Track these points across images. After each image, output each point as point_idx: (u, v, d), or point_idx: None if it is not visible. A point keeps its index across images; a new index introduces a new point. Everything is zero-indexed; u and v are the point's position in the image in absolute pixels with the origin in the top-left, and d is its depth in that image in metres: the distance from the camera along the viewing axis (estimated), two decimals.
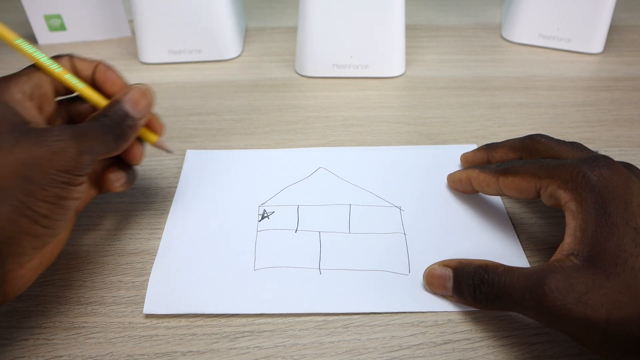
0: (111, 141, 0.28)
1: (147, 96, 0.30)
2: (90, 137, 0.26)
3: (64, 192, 0.25)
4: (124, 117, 0.28)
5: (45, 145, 0.24)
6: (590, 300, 0.23)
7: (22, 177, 0.24)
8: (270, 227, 0.34)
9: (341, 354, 0.27)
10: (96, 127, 0.27)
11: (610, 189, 0.25)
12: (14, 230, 0.24)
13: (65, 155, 0.25)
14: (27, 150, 0.24)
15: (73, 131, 0.26)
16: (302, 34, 0.50)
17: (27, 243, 0.25)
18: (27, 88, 0.28)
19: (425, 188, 0.37)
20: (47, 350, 0.27)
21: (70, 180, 0.25)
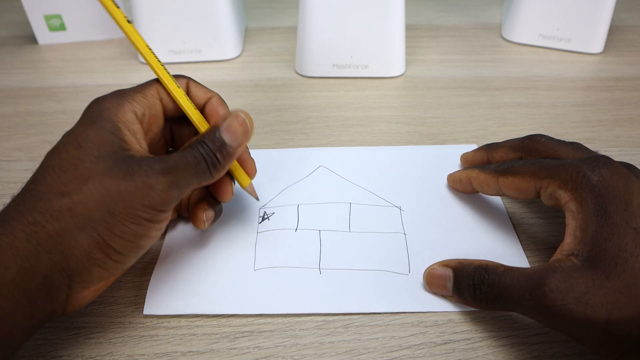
0: (205, 170, 0.27)
1: (245, 125, 0.28)
2: (180, 170, 0.26)
3: (142, 229, 0.25)
4: (221, 146, 0.27)
5: (132, 180, 0.24)
6: (590, 300, 0.23)
7: (106, 210, 0.24)
8: (270, 228, 0.34)
9: (341, 354, 0.27)
10: (188, 158, 0.26)
11: (611, 189, 0.25)
12: (86, 260, 0.24)
13: (151, 191, 0.24)
14: (115, 182, 0.24)
15: (162, 166, 0.25)
16: (302, 34, 0.50)
17: (96, 273, 0.25)
18: (140, 108, 0.28)
19: (425, 188, 0.37)
20: (47, 350, 0.27)
21: (153, 217, 0.25)
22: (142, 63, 0.54)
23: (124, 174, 0.24)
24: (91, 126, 0.26)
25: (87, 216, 0.23)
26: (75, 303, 0.25)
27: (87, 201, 0.24)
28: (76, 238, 0.23)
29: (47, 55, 0.57)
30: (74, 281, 0.24)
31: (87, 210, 0.23)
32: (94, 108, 0.27)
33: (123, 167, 0.24)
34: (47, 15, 0.56)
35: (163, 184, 0.25)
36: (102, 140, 0.25)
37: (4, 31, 0.62)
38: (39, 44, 0.58)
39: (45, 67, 0.55)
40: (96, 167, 0.24)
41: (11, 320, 0.22)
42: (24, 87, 0.51)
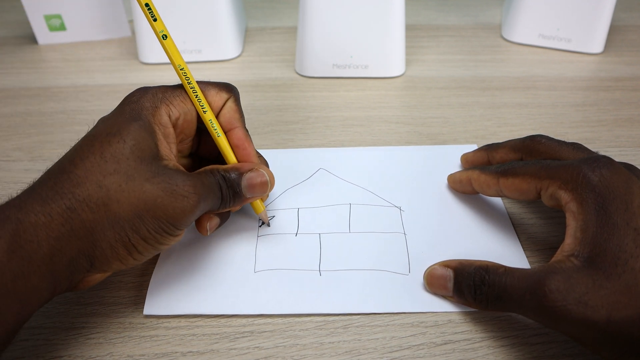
0: (217, 202, 0.28)
1: (264, 186, 0.30)
2: (208, 197, 0.27)
3: (163, 239, 0.26)
4: (236, 190, 0.29)
5: (172, 196, 0.25)
6: (590, 301, 0.23)
7: (137, 214, 0.25)
8: (271, 232, 0.34)
9: (341, 355, 0.27)
10: (214, 185, 0.28)
11: (611, 190, 0.25)
12: (110, 253, 0.25)
13: (181, 212, 0.26)
14: (154, 192, 0.25)
15: (200, 190, 0.26)
16: (302, 34, 0.50)
17: (115, 265, 0.26)
18: (176, 112, 0.29)
19: (425, 188, 0.37)
20: (47, 351, 0.27)
21: (173, 232, 0.26)
22: (142, 63, 0.54)
23: (164, 187, 0.25)
24: (132, 123, 0.26)
25: (119, 215, 0.24)
26: (87, 284, 0.27)
27: (122, 200, 0.24)
28: (106, 232, 0.24)
29: (47, 55, 0.57)
30: (94, 267, 0.25)
31: (121, 209, 0.24)
32: (134, 104, 0.27)
33: (165, 178, 0.25)
34: (47, 15, 0.56)
35: (195, 208, 0.26)
36: (143, 142, 0.26)
37: (4, 31, 0.62)
38: (39, 44, 0.58)
39: (45, 67, 0.55)
40: (138, 169, 0.25)
41: (37, 295, 0.23)
42: (24, 87, 0.51)
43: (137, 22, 0.51)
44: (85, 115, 0.46)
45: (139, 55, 0.54)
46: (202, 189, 0.27)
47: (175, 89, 0.29)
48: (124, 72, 0.53)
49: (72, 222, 0.24)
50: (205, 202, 0.27)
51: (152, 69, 0.53)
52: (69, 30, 0.58)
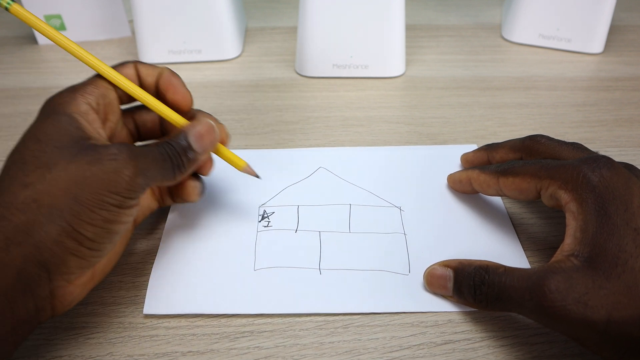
0: (168, 170, 0.27)
1: (212, 133, 0.29)
2: (147, 160, 0.26)
3: (111, 215, 0.25)
4: (186, 149, 0.28)
5: (100, 164, 0.24)
6: (590, 301, 0.23)
7: (72, 197, 0.23)
8: (270, 228, 0.34)
9: (341, 354, 0.27)
10: (155, 152, 0.27)
11: (611, 190, 0.25)
12: (59, 250, 0.23)
13: (118, 176, 0.24)
14: (81, 168, 0.24)
15: (130, 151, 0.25)
16: (302, 34, 0.50)
17: (73, 263, 0.24)
18: (93, 99, 0.28)
19: (425, 188, 0.37)
20: (47, 351, 0.27)
21: (121, 203, 0.25)
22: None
23: (89, 159, 0.24)
24: (46, 120, 0.25)
25: (53, 205, 0.23)
26: (63, 300, 0.25)
27: (51, 190, 0.23)
28: (45, 229, 0.23)
29: (47, 55, 0.57)
30: (53, 273, 0.24)
31: (52, 199, 0.23)
32: (46, 105, 0.27)
33: (89, 152, 0.24)
34: (47, 15, 0.56)
35: (130, 169, 0.25)
36: (61, 132, 0.25)
37: (4, 31, 0.62)
38: (39, 44, 0.58)
39: (45, 67, 0.55)
40: (59, 156, 0.24)
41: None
42: (24, 87, 0.51)
43: (137, 22, 0.51)
44: None
45: (139, 55, 0.54)
46: (134, 151, 0.25)
47: (85, 81, 0.29)
48: None
49: (5, 230, 0.22)
50: (146, 165, 0.26)
51: None
52: (69, 30, 0.58)
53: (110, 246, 0.26)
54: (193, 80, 0.51)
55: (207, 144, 0.29)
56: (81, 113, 0.26)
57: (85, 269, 0.25)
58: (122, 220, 0.25)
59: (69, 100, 0.26)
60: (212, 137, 0.29)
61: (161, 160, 0.27)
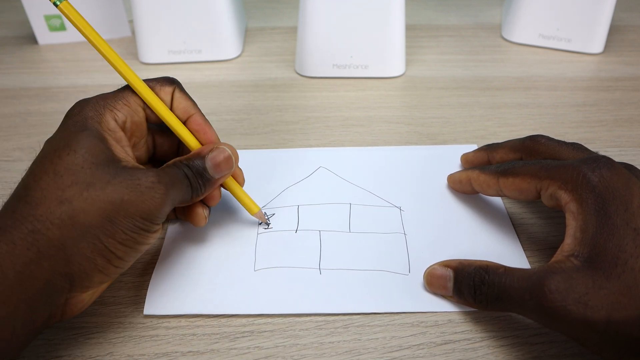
0: (187, 192, 0.28)
1: (229, 162, 0.30)
2: (176, 186, 0.27)
3: (141, 237, 0.25)
4: (203, 173, 0.29)
5: (138, 191, 0.25)
6: (590, 301, 0.23)
7: (107, 218, 0.24)
8: (271, 229, 0.34)
9: (341, 354, 0.27)
10: (180, 176, 0.27)
11: (611, 190, 0.25)
12: (88, 266, 0.24)
13: (151, 204, 0.25)
14: (118, 191, 0.24)
15: (165, 180, 0.26)
16: (302, 34, 0.50)
17: (97, 279, 0.25)
18: (122, 116, 0.28)
19: (425, 188, 0.37)
20: (47, 350, 0.27)
21: (149, 228, 0.26)
22: (142, 63, 0.54)
23: (127, 184, 0.24)
24: (80, 133, 0.25)
25: (89, 224, 0.24)
26: (74, 307, 0.25)
27: (88, 209, 0.24)
28: (78, 245, 0.23)
29: (47, 55, 0.57)
30: (74, 286, 0.24)
31: (89, 218, 0.23)
32: (77, 117, 0.26)
33: (126, 177, 0.25)
34: (47, 15, 0.56)
35: (164, 198, 0.25)
36: (95, 148, 0.25)
37: (4, 31, 0.62)
38: (39, 44, 0.58)
39: (45, 67, 0.55)
40: (96, 174, 0.24)
41: (10, 327, 0.22)
42: (24, 87, 0.51)
43: (137, 22, 0.51)
44: None
45: (139, 55, 0.54)
46: (167, 178, 0.26)
47: (116, 94, 0.29)
48: None
49: (39, 244, 0.23)
50: (174, 192, 0.26)
51: (152, 69, 0.53)
52: (69, 31, 0.58)
53: (132, 262, 0.27)
54: (193, 80, 0.51)
55: (223, 170, 0.29)
56: (109, 131, 0.27)
57: (104, 283, 0.26)
58: (149, 242, 0.27)
59: (98, 117, 0.27)
60: (229, 164, 0.30)
61: (183, 180, 0.27)
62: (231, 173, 0.30)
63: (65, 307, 0.25)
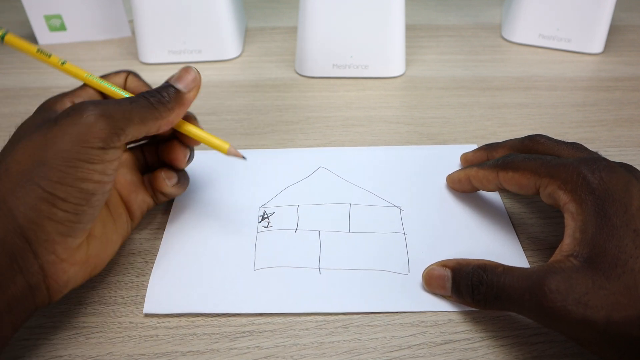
0: (148, 107, 0.26)
1: (192, 73, 0.29)
2: (111, 105, 0.25)
3: (81, 172, 0.24)
4: (167, 87, 0.28)
5: (56, 124, 0.25)
6: (590, 302, 0.23)
7: (36, 160, 0.24)
8: (270, 228, 0.34)
9: (341, 354, 0.27)
10: (130, 100, 0.26)
11: (610, 192, 0.25)
12: (34, 215, 0.23)
13: (77, 127, 0.24)
14: (42, 132, 0.24)
15: (91, 104, 0.25)
16: (302, 34, 0.50)
17: (50, 228, 0.24)
18: (79, 99, 0.29)
19: (425, 188, 0.37)
20: (47, 350, 0.27)
21: (90, 157, 0.24)
22: (142, 63, 0.54)
23: (50, 123, 0.25)
24: (34, 116, 0.28)
25: (21, 171, 0.24)
26: (57, 279, 0.25)
27: (18, 158, 0.24)
28: (17, 195, 0.23)
29: None
30: (34, 243, 0.23)
31: (20, 165, 0.24)
32: (39, 108, 0.29)
33: (50, 119, 0.25)
34: (47, 16, 0.56)
35: (92, 117, 0.24)
36: (39, 118, 0.27)
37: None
38: (39, 44, 0.58)
39: (45, 67, 0.54)
40: (28, 129, 0.26)
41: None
42: (24, 87, 0.51)
43: (137, 22, 0.51)
44: None
45: (139, 55, 0.54)
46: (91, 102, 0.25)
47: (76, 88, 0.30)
48: None
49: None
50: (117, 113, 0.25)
51: (152, 69, 0.53)
52: (69, 30, 0.58)
53: (88, 209, 0.25)
54: None
55: (190, 82, 0.29)
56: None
57: (66, 235, 0.24)
58: (94, 178, 0.25)
59: (56, 101, 0.28)
60: (194, 75, 0.29)
61: (135, 102, 0.26)
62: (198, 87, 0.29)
63: (46, 279, 0.24)
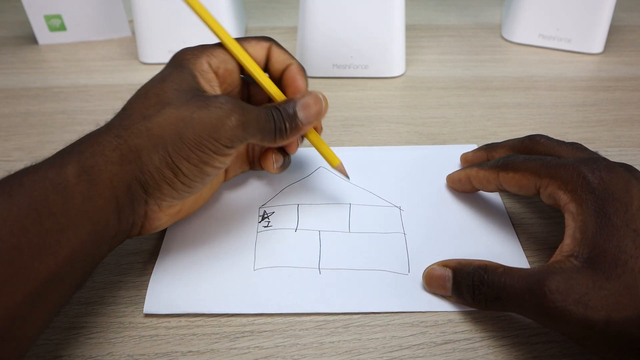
0: (270, 131, 0.29)
1: (319, 106, 0.31)
2: (251, 116, 0.28)
3: (207, 157, 0.27)
4: (292, 117, 0.30)
5: (207, 109, 0.26)
6: (590, 302, 0.23)
7: (177, 134, 0.26)
8: (270, 228, 0.34)
9: (341, 354, 0.27)
10: (262, 112, 0.29)
11: (610, 192, 0.25)
12: (158, 176, 0.27)
13: (221, 124, 0.26)
14: (190, 109, 0.26)
15: (236, 103, 0.27)
16: (302, 34, 0.50)
17: (166, 191, 0.27)
18: (215, 61, 0.30)
19: (425, 188, 0.37)
20: (47, 350, 0.27)
21: (217, 149, 0.27)
22: (142, 63, 0.54)
23: (200, 104, 0.26)
24: (173, 69, 0.29)
25: (160, 136, 0.26)
26: (152, 223, 0.28)
27: (162, 123, 0.26)
28: (150, 155, 0.26)
29: (47, 55, 0.57)
30: (150, 196, 0.27)
31: (161, 130, 0.26)
32: (176, 58, 0.30)
33: (201, 99, 0.27)
34: (47, 16, 0.56)
35: (234, 120, 0.27)
36: (182, 80, 0.28)
37: (4, 31, 0.62)
38: (39, 44, 0.58)
39: (45, 67, 0.55)
40: (176, 96, 0.27)
41: (105, 217, 0.25)
42: (24, 87, 0.51)
43: (137, 22, 0.51)
44: (85, 115, 0.46)
45: (139, 55, 0.54)
46: (241, 106, 0.27)
47: (215, 44, 0.31)
48: (124, 72, 0.53)
49: (121, 148, 0.26)
50: (250, 124, 0.28)
51: (152, 69, 0.53)
52: (69, 31, 0.58)
53: (200, 185, 0.28)
54: None
55: (312, 116, 0.31)
56: (201, 71, 0.29)
57: (176, 199, 0.28)
58: (215, 164, 0.28)
59: (194, 59, 0.29)
60: (319, 109, 0.31)
61: (265, 121, 0.29)
62: (320, 119, 0.32)
63: (145, 221, 0.28)
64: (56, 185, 0.24)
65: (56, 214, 0.23)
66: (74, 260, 0.24)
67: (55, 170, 0.24)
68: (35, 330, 0.23)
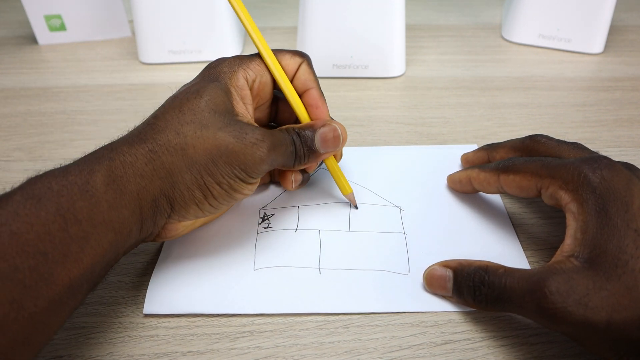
0: (290, 157, 0.30)
1: (337, 140, 0.32)
2: (279, 151, 0.29)
3: (236, 185, 0.28)
4: (311, 145, 0.31)
5: (242, 142, 0.27)
6: (590, 303, 0.23)
7: (211, 158, 0.27)
8: (271, 229, 0.34)
9: (341, 354, 0.27)
10: (287, 141, 0.30)
11: (612, 191, 0.25)
12: (187, 196, 0.27)
13: (251, 158, 0.27)
14: (226, 139, 0.27)
15: (271, 142, 0.28)
16: (302, 34, 0.50)
17: (192, 211, 0.28)
18: (252, 74, 0.31)
19: (425, 188, 0.37)
20: (47, 351, 0.27)
21: (245, 179, 0.28)
22: (142, 63, 0.54)
23: (236, 134, 0.27)
24: (211, 83, 0.29)
25: (195, 159, 0.27)
26: (168, 233, 0.29)
27: (198, 146, 0.27)
28: (183, 175, 0.27)
29: (47, 55, 0.57)
30: (174, 211, 0.28)
31: (196, 153, 0.27)
32: (213, 69, 0.30)
33: (237, 128, 0.27)
34: (47, 16, 0.56)
35: (264, 155, 0.28)
36: (219, 98, 0.28)
37: (4, 31, 0.62)
38: (39, 44, 0.58)
39: (45, 67, 0.55)
40: (212, 119, 0.27)
41: (128, 227, 0.25)
42: (24, 87, 0.51)
43: (137, 22, 0.51)
44: (85, 115, 0.46)
45: (139, 55, 0.54)
46: (271, 139, 0.28)
47: (252, 55, 0.32)
48: (124, 72, 0.53)
49: (154, 163, 0.26)
50: (276, 154, 0.28)
51: (152, 69, 0.53)
52: (69, 30, 0.58)
53: (225, 208, 0.30)
54: None
55: (330, 147, 0.31)
56: (237, 87, 0.30)
57: (198, 218, 0.29)
58: (243, 191, 0.29)
59: (230, 73, 0.30)
60: (337, 143, 0.32)
61: (288, 145, 0.30)
62: (336, 151, 0.32)
63: (162, 231, 0.29)
64: (84, 192, 0.24)
65: (82, 221, 0.23)
66: (94, 267, 0.24)
67: (84, 176, 0.24)
68: (51, 334, 0.23)
